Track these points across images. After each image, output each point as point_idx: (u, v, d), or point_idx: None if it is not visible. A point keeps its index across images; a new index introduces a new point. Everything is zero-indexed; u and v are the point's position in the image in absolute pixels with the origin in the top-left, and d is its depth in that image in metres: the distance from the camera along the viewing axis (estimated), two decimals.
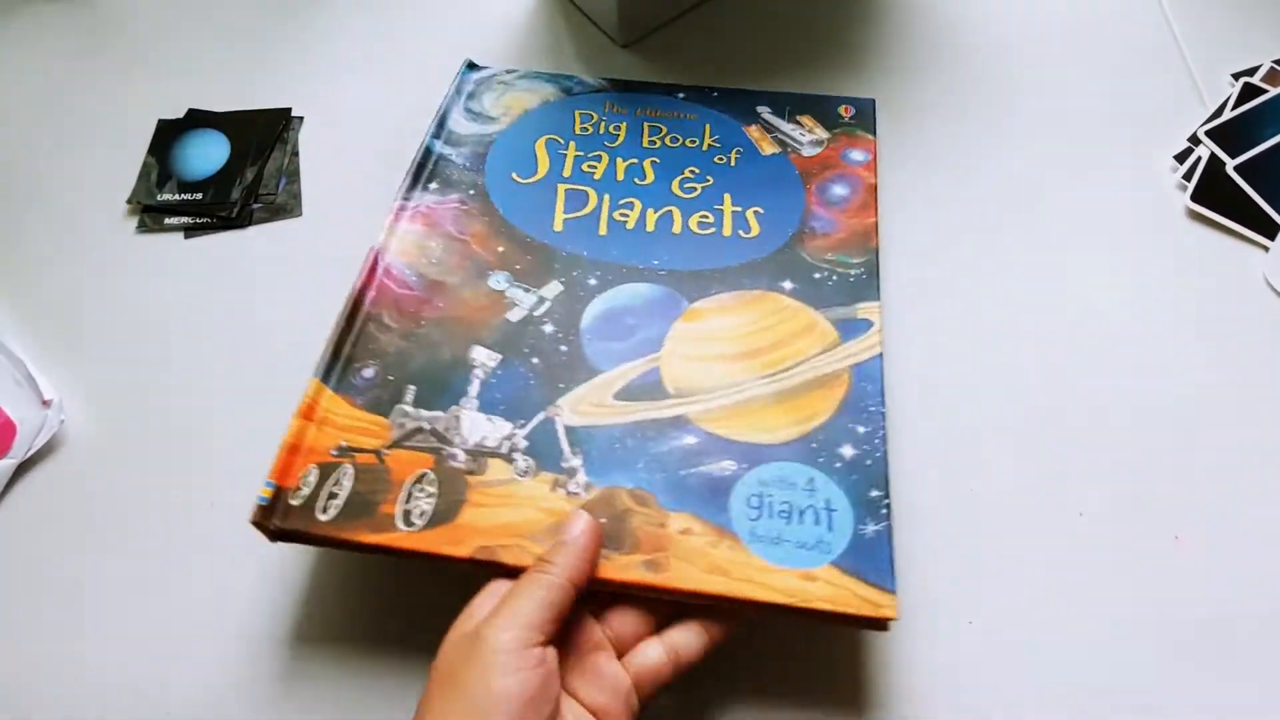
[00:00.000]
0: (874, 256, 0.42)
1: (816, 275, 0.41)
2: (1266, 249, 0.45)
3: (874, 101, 0.49)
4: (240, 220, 0.49)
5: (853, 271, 0.41)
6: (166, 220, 0.49)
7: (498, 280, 0.41)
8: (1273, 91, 0.49)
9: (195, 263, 0.48)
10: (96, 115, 0.54)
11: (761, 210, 0.44)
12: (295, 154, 0.51)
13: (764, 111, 0.49)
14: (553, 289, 0.40)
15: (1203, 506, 0.38)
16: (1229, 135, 0.47)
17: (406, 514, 0.33)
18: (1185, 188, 0.47)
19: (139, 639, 0.37)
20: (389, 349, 0.38)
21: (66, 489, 0.41)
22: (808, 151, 0.47)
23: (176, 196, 0.50)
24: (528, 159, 0.46)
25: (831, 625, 0.33)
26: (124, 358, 0.44)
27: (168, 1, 0.60)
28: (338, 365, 0.37)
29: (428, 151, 0.46)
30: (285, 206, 0.49)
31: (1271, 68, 0.50)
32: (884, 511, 0.34)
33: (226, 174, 0.50)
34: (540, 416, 0.36)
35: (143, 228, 0.49)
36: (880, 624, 0.32)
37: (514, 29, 0.57)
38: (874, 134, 0.47)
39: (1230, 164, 0.46)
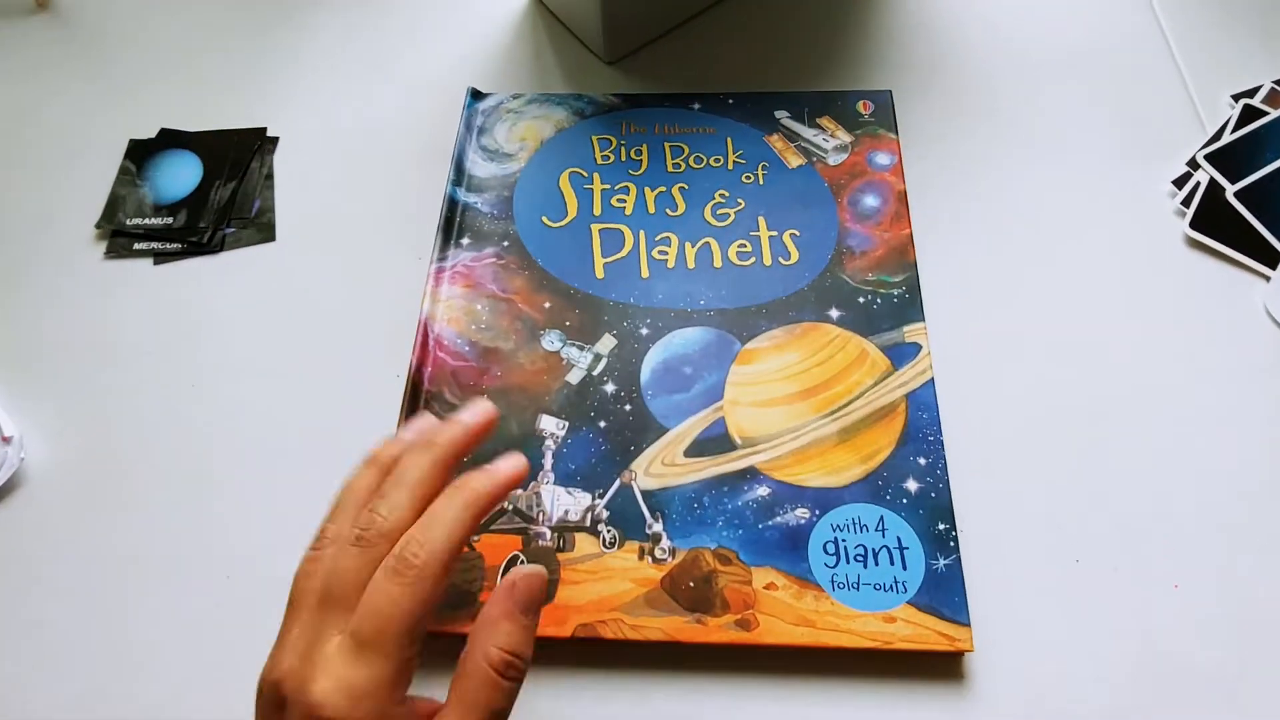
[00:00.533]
0: (914, 273, 0.42)
1: (860, 300, 0.42)
2: (1268, 279, 0.43)
3: (891, 94, 0.49)
4: (212, 246, 0.47)
5: (895, 291, 0.42)
6: (136, 246, 0.47)
7: (551, 340, 0.41)
8: (1273, 114, 0.47)
9: (165, 291, 0.46)
10: (65, 134, 0.52)
11: (798, 233, 0.44)
12: (270, 177, 0.49)
13: (783, 117, 0.48)
14: (606, 344, 0.41)
15: (1202, 552, 0.37)
16: (1229, 159, 0.46)
17: None
18: (1184, 214, 0.45)
19: (99, 691, 0.36)
20: None
21: (26, 530, 0.39)
22: (833, 160, 0.46)
23: (146, 221, 0.48)
24: (555, 199, 0.45)
25: (911, 662, 0.35)
26: (90, 392, 0.43)
27: (141, 15, 0.57)
28: None
29: (452, 202, 0.45)
30: (260, 230, 0.47)
31: (1272, 89, 0.48)
32: (953, 544, 0.36)
33: (199, 197, 0.48)
34: (616, 483, 0.37)
35: (111, 253, 0.47)
36: (957, 658, 0.34)
37: (498, 48, 0.54)
38: (895, 131, 0.47)
39: (1230, 190, 0.45)
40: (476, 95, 0.49)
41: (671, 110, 0.48)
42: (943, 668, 0.35)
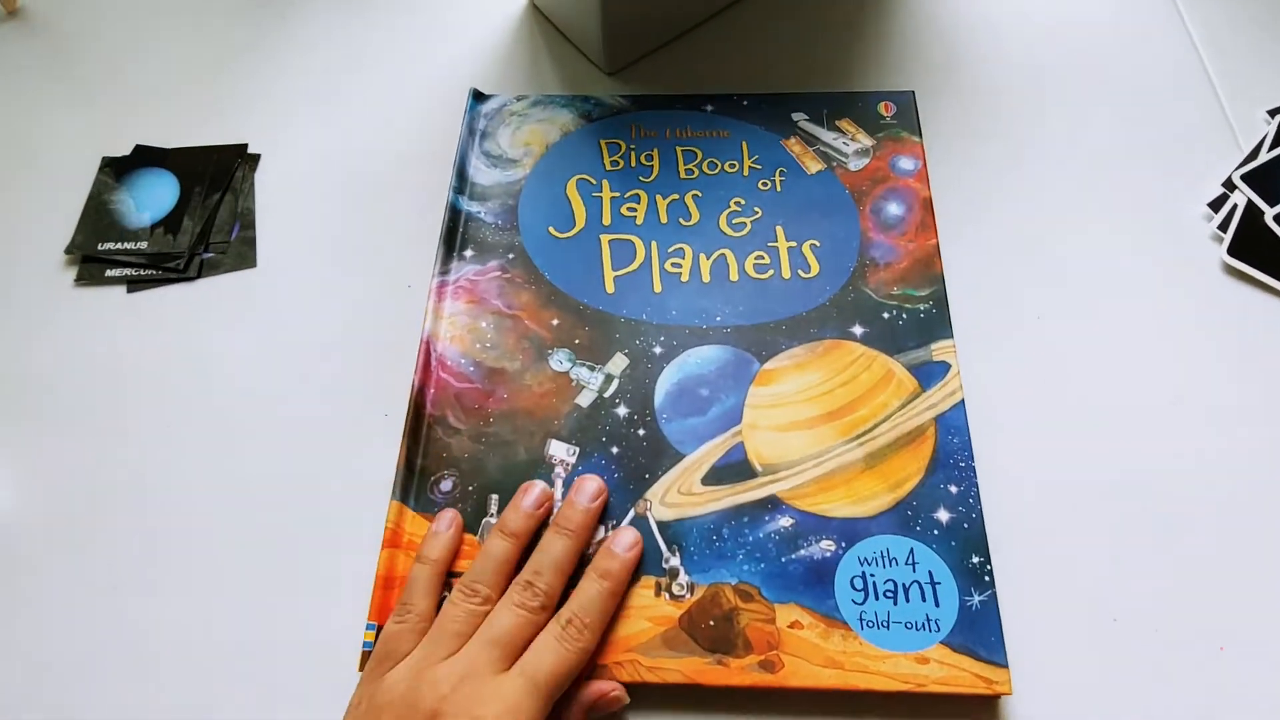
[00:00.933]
0: (941, 286, 0.40)
1: (885, 315, 0.40)
2: None
3: (913, 94, 0.46)
4: (189, 272, 0.44)
5: (921, 306, 0.40)
6: (108, 272, 0.44)
7: (559, 360, 0.39)
8: None
9: (140, 321, 0.43)
10: (34, 150, 0.49)
11: (818, 243, 0.42)
12: (251, 197, 0.46)
13: (801, 119, 0.46)
14: (618, 364, 0.39)
15: (1250, 611, 0.34)
16: (1267, 179, 0.43)
17: None
18: (1221, 239, 0.42)
19: None
20: (461, 455, 0.37)
21: None
22: (854, 165, 0.44)
23: (120, 245, 0.45)
24: (562, 208, 0.43)
25: (946, 706, 0.33)
26: (58, 429, 0.40)
27: (117, 21, 0.54)
28: (413, 481, 0.36)
29: (455, 211, 0.43)
30: (239, 256, 0.45)
31: None
32: (987, 579, 0.34)
33: (175, 219, 0.45)
34: (631, 514, 0.35)
35: (82, 280, 0.44)
36: (994, 701, 0.32)
37: (493, 59, 0.51)
38: (919, 134, 0.45)
39: (1269, 213, 0.42)
40: (479, 97, 0.47)
41: (683, 113, 0.46)
42: (979, 712, 0.33)
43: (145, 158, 0.48)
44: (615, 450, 0.37)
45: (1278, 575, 0.35)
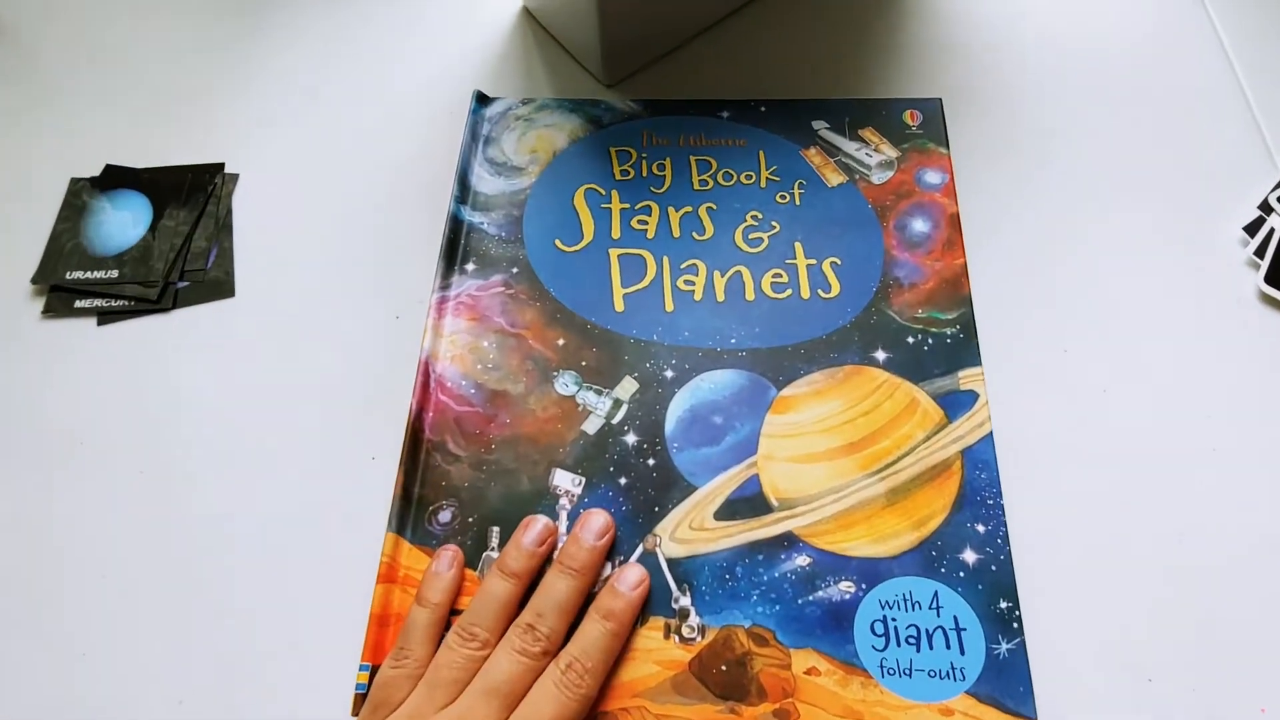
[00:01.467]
0: (969, 309, 0.38)
1: (910, 340, 0.37)
2: None
3: (940, 102, 0.44)
4: (163, 302, 0.41)
5: (948, 331, 0.38)
6: (77, 303, 0.41)
7: (565, 383, 0.37)
8: None
9: (111, 355, 0.40)
10: None
11: (839, 261, 0.40)
12: (228, 220, 0.44)
13: (821, 128, 0.43)
14: (627, 388, 0.37)
15: None
16: None
17: None
18: (1258, 266, 0.40)
19: None
20: (461, 484, 0.35)
21: None
22: (878, 178, 0.42)
23: (89, 274, 0.42)
24: (569, 219, 0.41)
25: None
26: (23, 469, 0.37)
27: (85, 32, 0.50)
28: (410, 512, 0.34)
29: (456, 221, 0.41)
30: (216, 284, 0.42)
31: None
32: (1016, 626, 0.32)
33: (148, 245, 0.43)
34: (639, 550, 0.34)
35: (50, 312, 0.41)
36: None
37: (486, 70, 0.48)
38: (947, 146, 0.43)
39: None
40: (483, 100, 0.45)
41: (698, 119, 0.44)
42: None
43: (116, 178, 0.45)
44: (623, 481, 0.35)
45: None
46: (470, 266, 0.40)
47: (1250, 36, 0.47)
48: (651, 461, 0.35)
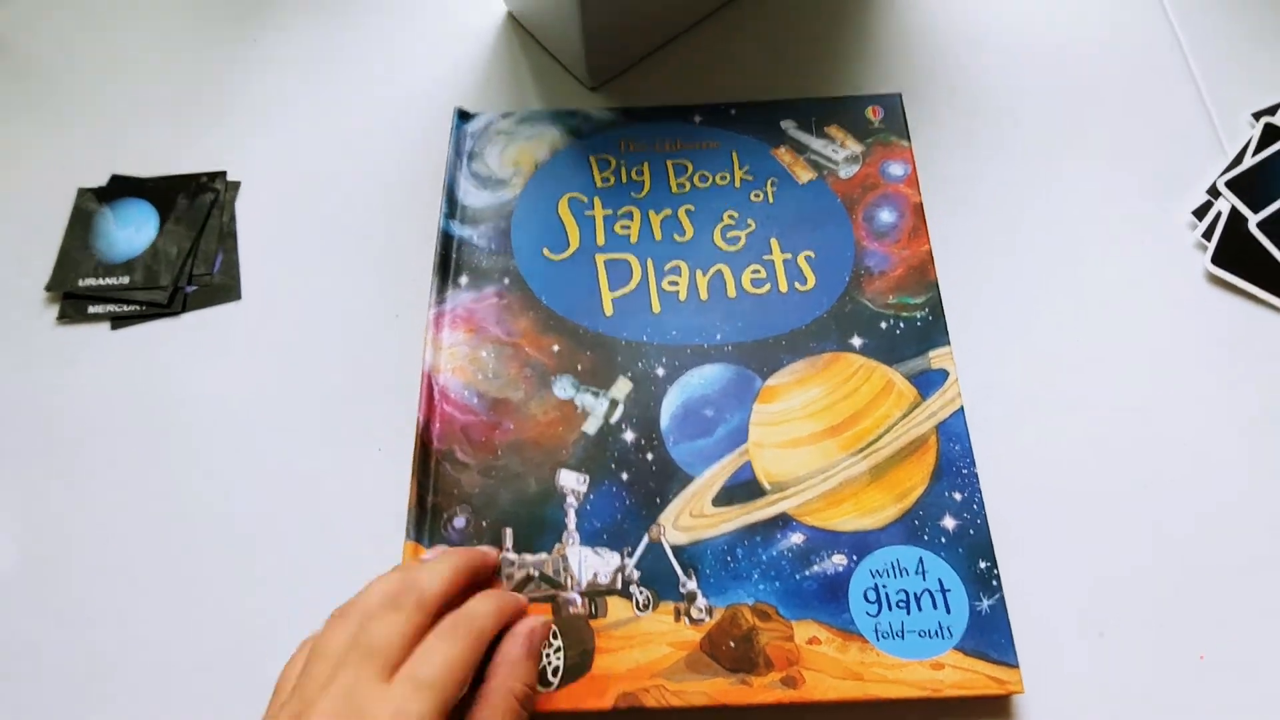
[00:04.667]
0: (935, 293, 0.41)
1: (883, 325, 0.40)
2: None
3: (900, 97, 0.46)
4: (173, 306, 0.43)
5: (918, 314, 0.40)
6: (90, 309, 0.43)
7: (563, 387, 0.39)
8: None
9: (125, 358, 0.42)
10: (6, 182, 0.47)
11: (813, 254, 0.42)
12: (232, 225, 0.45)
13: (790, 127, 0.45)
14: (622, 388, 0.39)
15: (1231, 618, 0.35)
16: (1250, 186, 0.42)
17: (541, 673, 0.33)
18: (1205, 248, 0.42)
19: None
20: (472, 490, 0.37)
21: None
22: (845, 172, 0.44)
23: (101, 280, 0.44)
24: (555, 229, 0.43)
25: (962, 708, 0.34)
26: (42, 471, 0.39)
27: (88, 43, 0.52)
28: (426, 520, 0.36)
29: (447, 237, 0.42)
30: (223, 288, 0.44)
31: None
32: (995, 583, 0.35)
33: (156, 252, 0.44)
34: (645, 541, 0.36)
35: (64, 318, 0.43)
36: (1007, 700, 0.33)
37: (474, 75, 0.50)
38: (908, 139, 0.45)
39: (1253, 220, 0.41)
40: (464, 116, 0.46)
41: (671, 124, 0.46)
42: (993, 711, 0.34)
43: (123, 187, 0.47)
44: (625, 476, 0.37)
45: (1261, 576, 0.36)
46: (463, 280, 0.42)
47: (1202, 25, 0.50)
48: (650, 456, 0.37)
